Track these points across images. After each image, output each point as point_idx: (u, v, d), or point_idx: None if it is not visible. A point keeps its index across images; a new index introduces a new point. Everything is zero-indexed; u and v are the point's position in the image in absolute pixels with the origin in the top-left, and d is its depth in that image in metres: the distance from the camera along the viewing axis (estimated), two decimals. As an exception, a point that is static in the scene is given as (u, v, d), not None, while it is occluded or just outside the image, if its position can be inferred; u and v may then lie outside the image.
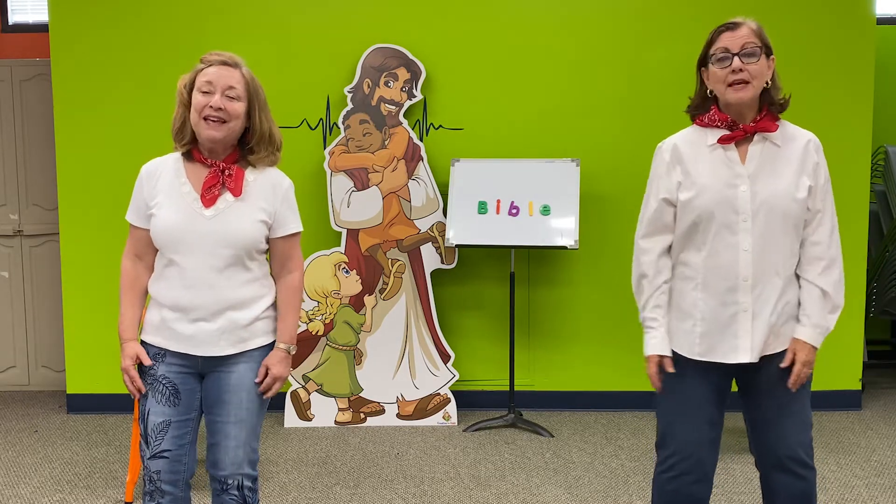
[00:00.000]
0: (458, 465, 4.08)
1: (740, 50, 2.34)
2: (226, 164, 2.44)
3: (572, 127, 4.78)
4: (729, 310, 2.40)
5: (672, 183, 2.46)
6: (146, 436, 2.44)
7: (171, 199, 2.42)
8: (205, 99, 2.38)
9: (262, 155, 2.48)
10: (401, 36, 4.71)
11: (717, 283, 2.41)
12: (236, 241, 2.41)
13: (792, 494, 2.45)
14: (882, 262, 5.11)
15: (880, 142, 5.48)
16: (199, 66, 2.47)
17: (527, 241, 4.49)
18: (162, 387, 2.44)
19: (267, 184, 2.49)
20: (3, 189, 5.27)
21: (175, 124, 2.46)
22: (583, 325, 4.89)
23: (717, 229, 2.39)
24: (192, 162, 2.47)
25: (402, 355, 4.68)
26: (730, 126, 2.42)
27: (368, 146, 4.66)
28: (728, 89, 2.37)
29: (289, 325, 2.52)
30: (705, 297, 2.42)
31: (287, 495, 3.73)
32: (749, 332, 2.39)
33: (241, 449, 2.45)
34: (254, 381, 2.46)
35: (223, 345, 2.43)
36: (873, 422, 4.67)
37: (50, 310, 5.28)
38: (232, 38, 4.73)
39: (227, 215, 2.41)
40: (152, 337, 2.47)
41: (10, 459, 4.21)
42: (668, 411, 2.50)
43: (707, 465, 2.46)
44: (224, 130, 2.39)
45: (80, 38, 4.73)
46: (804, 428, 2.44)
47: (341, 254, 4.66)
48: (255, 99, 2.45)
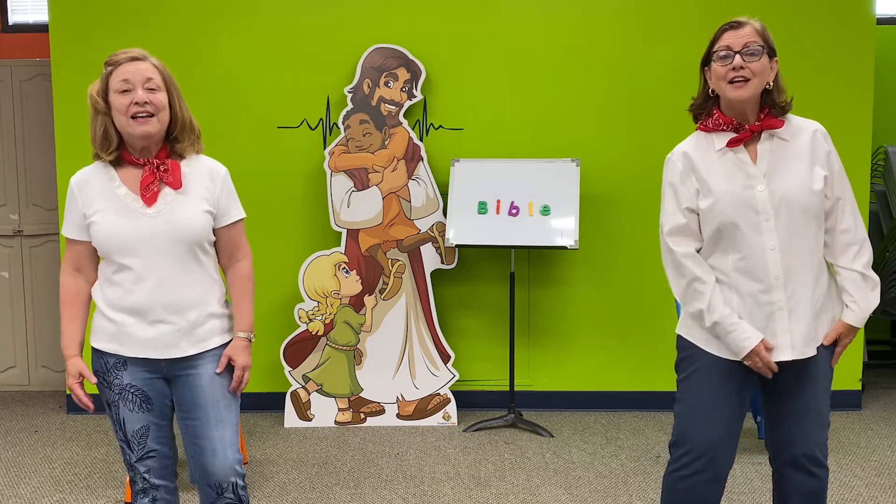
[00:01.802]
0: (458, 465, 4.08)
1: (742, 48, 2.35)
2: (159, 159, 2.39)
3: (572, 127, 4.78)
4: (765, 310, 2.40)
5: (691, 191, 2.46)
6: (128, 442, 2.42)
7: (110, 204, 2.37)
8: (126, 98, 2.31)
9: (186, 144, 2.43)
10: (401, 36, 4.71)
11: (750, 285, 2.40)
12: (185, 235, 2.37)
13: (805, 492, 2.47)
14: (882, 263, 5.11)
15: (880, 142, 5.48)
16: (107, 69, 2.37)
17: (527, 241, 4.49)
18: (132, 395, 2.40)
19: (204, 173, 2.45)
20: (3, 189, 5.27)
21: (96, 134, 2.38)
22: (583, 325, 4.89)
23: (741, 232, 2.39)
24: (122, 166, 2.40)
25: (402, 355, 4.68)
26: (735, 128, 2.42)
27: (368, 146, 4.66)
28: (728, 86, 2.37)
29: (245, 314, 2.49)
30: (739, 299, 2.42)
31: (287, 495, 3.73)
32: (788, 330, 2.40)
33: (228, 451, 2.41)
34: (224, 380, 2.44)
35: (184, 345, 2.40)
36: (873, 422, 4.67)
37: (50, 310, 5.28)
38: (232, 39, 4.73)
39: (171, 210, 2.37)
40: (108, 345, 2.41)
41: (10, 459, 4.21)
42: (687, 409, 2.48)
43: (721, 466, 2.45)
44: (155, 124, 2.34)
45: (80, 38, 4.73)
46: (822, 427, 2.46)
47: (341, 254, 4.66)
48: (172, 88, 2.39)
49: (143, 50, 2.39)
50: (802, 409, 2.44)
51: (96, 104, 2.36)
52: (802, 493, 2.47)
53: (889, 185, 5.32)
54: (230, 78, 4.75)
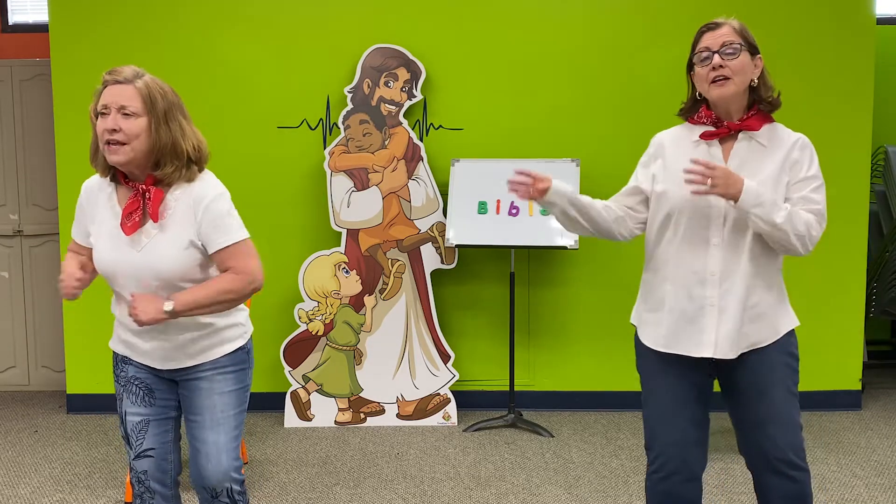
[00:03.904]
0: (458, 465, 4.08)
1: (720, 47, 2.38)
2: (145, 186, 2.29)
3: (572, 127, 4.78)
4: (696, 303, 2.41)
5: (647, 175, 2.54)
6: (127, 437, 2.44)
7: (105, 229, 2.35)
8: (102, 123, 2.24)
9: (168, 170, 2.28)
10: (401, 36, 4.71)
11: (687, 277, 2.41)
12: (165, 273, 2.31)
13: (785, 496, 2.44)
14: (882, 262, 5.11)
15: (880, 142, 5.48)
16: (98, 87, 2.30)
17: (527, 241, 4.49)
18: (135, 388, 2.43)
19: (188, 204, 2.31)
20: (3, 189, 5.27)
21: (91, 150, 2.34)
22: (583, 325, 4.89)
23: (688, 222, 2.41)
24: (119, 185, 2.36)
25: (402, 355, 4.68)
26: (714, 123, 2.45)
27: (368, 146, 4.66)
28: (710, 86, 2.40)
29: (187, 294, 2.28)
30: (674, 289, 2.43)
31: (287, 495, 3.73)
32: (714, 327, 2.39)
33: (222, 455, 2.40)
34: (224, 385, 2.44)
35: (181, 358, 2.41)
36: (873, 422, 4.67)
37: (50, 310, 5.28)
38: (232, 39, 4.73)
39: (154, 246, 2.31)
40: (118, 346, 2.49)
41: (10, 459, 4.21)
42: (651, 413, 2.52)
43: (694, 466, 2.46)
44: (125, 153, 2.23)
45: (80, 38, 4.73)
46: (792, 430, 2.42)
47: (341, 254, 4.66)
48: (157, 112, 2.25)
49: (136, 69, 2.29)
50: (762, 415, 2.42)
51: (91, 121, 2.32)
52: (784, 497, 2.44)
53: (889, 185, 5.31)
54: (230, 78, 4.75)
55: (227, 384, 2.44)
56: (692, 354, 2.41)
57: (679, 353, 2.43)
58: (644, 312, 2.54)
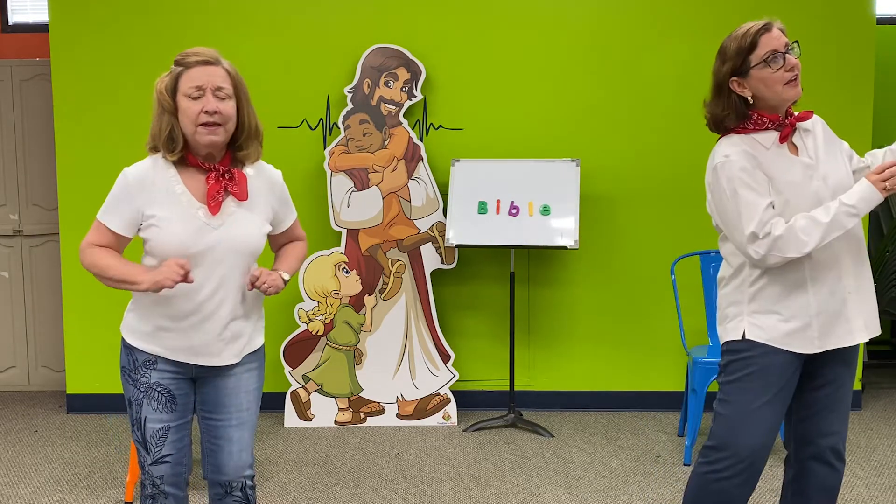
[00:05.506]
0: (458, 465, 4.08)
1: (786, 48, 2.37)
2: (223, 166, 2.33)
3: (572, 127, 4.78)
4: (838, 297, 2.40)
5: (766, 183, 2.38)
6: (145, 443, 2.40)
7: (175, 212, 2.30)
8: (196, 105, 2.26)
9: (249, 151, 2.38)
10: (401, 36, 4.71)
11: (825, 275, 2.39)
12: (243, 249, 2.35)
13: (822, 486, 2.49)
14: (882, 262, 5.11)
15: (880, 142, 5.46)
16: (176, 68, 2.31)
17: (527, 241, 4.49)
18: (157, 394, 2.39)
19: (265, 184, 2.43)
20: (3, 189, 5.27)
21: (161, 133, 2.30)
22: (583, 325, 4.89)
23: None
24: (185, 168, 2.34)
25: (402, 355, 4.68)
26: (778, 125, 2.41)
27: (368, 146, 4.66)
28: (785, 87, 2.37)
29: (289, 263, 2.54)
30: (815, 290, 2.39)
31: (287, 495, 3.73)
32: (861, 312, 2.42)
33: (244, 452, 2.45)
34: (249, 384, 2.45)
35: (226, 355, 2.39)
36: (873, 422, 4.67)
37: (50, 310, 5.28)
38: (232, 38, 4.73)
39: (234, 223, 2.34)
40: (143, 344, 2.37)
41: (10, 459, 4.21)
42: (735, 414, 2.43)
43: (759, 470, 2.46)
44: (222, 133, 2.29)
45: (80, 38, 4.73)
46: (847, 422, 2.50)
47: (341, 254, 4.66)
48: (242, 94, 2.35)
49: (215, 51, 2.33)
50: (836, 399, 2.46)
51: (164, 102, 2.30)
52: (822, 488, 2.48)
53: (889, 185, 5.31)
54: (230, 78, 4.74)
55: (252, 382, 2.47)
56: (846, 344, 2.41)
57: (833, 347, 2.41)
58: (776, 322, 2.39)
